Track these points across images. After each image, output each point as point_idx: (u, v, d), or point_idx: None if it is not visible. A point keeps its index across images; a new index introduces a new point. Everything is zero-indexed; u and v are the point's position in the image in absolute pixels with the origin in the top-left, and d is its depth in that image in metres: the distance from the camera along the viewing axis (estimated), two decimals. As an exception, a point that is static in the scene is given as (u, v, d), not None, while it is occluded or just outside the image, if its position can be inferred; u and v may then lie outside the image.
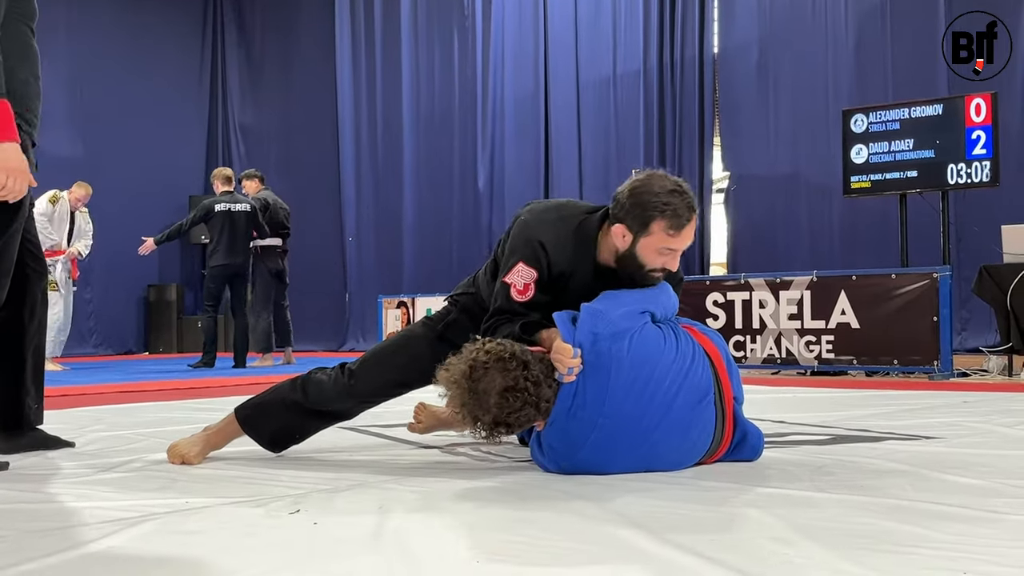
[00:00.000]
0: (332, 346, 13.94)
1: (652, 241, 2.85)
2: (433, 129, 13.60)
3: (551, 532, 2.05)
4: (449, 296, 3.35)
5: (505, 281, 2.93)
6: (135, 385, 7.23)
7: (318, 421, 3.25)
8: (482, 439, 2.69)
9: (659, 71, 11.42)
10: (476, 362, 2.61)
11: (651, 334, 2.78)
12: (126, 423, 4.41)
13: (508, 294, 2.92)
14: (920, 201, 8.50)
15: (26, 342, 3.37)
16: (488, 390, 2.58)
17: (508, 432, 2.68)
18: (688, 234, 2.86)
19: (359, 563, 1.82)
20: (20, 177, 2.92)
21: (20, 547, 1.96)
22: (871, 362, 7.20)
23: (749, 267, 9.65)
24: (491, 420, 2.61)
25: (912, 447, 3.35)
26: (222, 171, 10.05)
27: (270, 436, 3.23)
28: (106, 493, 2.59)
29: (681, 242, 2.87)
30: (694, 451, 2.84)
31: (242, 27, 15.72)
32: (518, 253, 2.94)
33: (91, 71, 14.08)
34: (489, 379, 2.59)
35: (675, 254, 2.90)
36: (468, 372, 2.60)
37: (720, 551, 1.85)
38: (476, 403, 2.60)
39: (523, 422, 2.66)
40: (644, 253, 2.88)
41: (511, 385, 2.59)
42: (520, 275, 2.91)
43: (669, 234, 2.84)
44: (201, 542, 2.01)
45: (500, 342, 2.68)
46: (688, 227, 2.85)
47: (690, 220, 2.85)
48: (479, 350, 2.65)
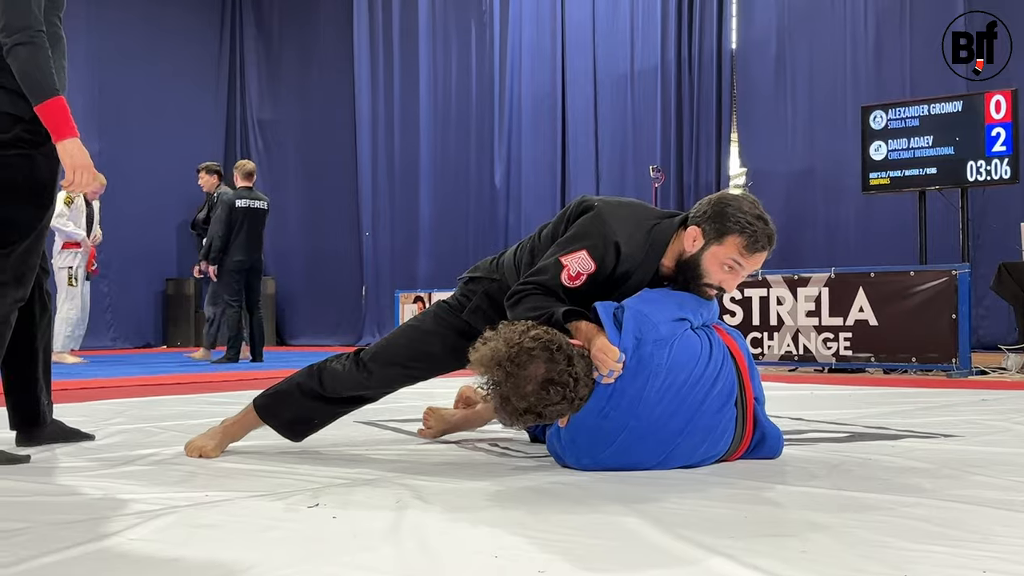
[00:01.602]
0: (348, 340, 13.97)
1: (721, 252, 2.84)
2: (450, 125, 13.61)
3: (569, 528, 2.05)
4: (466, 278, 3.27)
5: (561, 260, 2.84)
6: (153, 379, 7.26)
7: (333, 407, 3.24)
8: (504, 423, 2.66)
9: (677, 67, 11.40)
10: (522, 347, 2.55)
11: (691, 341, 2.77)
12: (145, 416, 4.43)
13: (559, 274, 2.83)
14: (938, 198, 8.46)
15: (38, 338, 3.39)
16: (529, 377, 2.54)
17: (536, 422, 2.64)
18: (757, 261, 2.87)
19: (378, 557, 1.83)
20: (86, 172, 2.96)
21: (42, 539, 1.97)
22: (889, 359, 7.18)
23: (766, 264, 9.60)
24: (524, 407, 2.56)
25: (931, 445, 3.34)
26: (245, 165, 10.04)
27: (288, 423, 3.23)
28: (127, 486, 2.61)
29: (748, 265, 2.87)
30: (714, 452, 2.83)
31: (260, 24, 15.75)
32: (586, 240, 2.85)
33: (110, 67, 14.13)
34: (534, 367, 2.54)
35: (736, 275, 2.89)
36: (512, 356, 2.55)
37: (739, 548, 1.85)
38: (513, 388, 2.55)
39: (554, 415, 2.63)
40: (709, 263, 2.86)
41: (554, 378, 2.55)
42: (579, 262, 2.83)
43: (741, 252, 2.83)
44: (221, 535, 2.02)
45: (548, 330, 2.63)
46: (760, 255, 2.86)
47: (764, 249, 2.86)
48: (525, 335, 2.59)
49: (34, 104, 2.95)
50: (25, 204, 3.05)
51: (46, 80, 2.94)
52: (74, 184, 2.98)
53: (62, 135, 2.96)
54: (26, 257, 3.07)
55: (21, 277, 3.06)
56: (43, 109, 2.94)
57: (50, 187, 3.09)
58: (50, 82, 2.94)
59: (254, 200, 9.71)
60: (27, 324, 3.28)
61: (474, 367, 2.63)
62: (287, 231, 14.60)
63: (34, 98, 2.95)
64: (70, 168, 2.96)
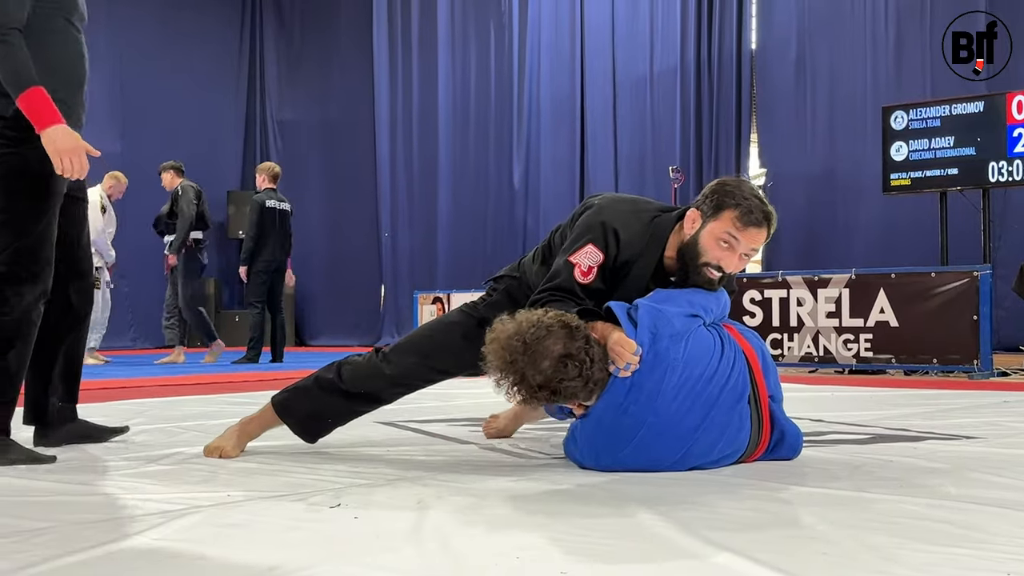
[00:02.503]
0: (367, 341, 14.01)
1: (718, 228, 2.86)
2: (469, 126, 13.63)
3: (591, 529, 2.05)
4: (490, 280, 3.33)
5: (570, 260, 2.90)
6: (174, 379, 7.29)
7: (350, 404, 3.22)
8: (516, 399, 2.66)
9: (696, 68, 11.38)
10: (540, 323, 2.58)
11: (703, 337, 2.78)
12: (166, 416, 4.46)
13: (571, 274, 2.88)
14: (959, 199, 8.42)
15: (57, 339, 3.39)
16: (546, 352, 2.55)
17: (549, 399, 2.64)
18: (754, 237, 2.86)
19: (400, 557, 1.83)
20: (73, 155, 2.98)
21: (66, 539, 1.98)
22: (910, 361, 7.14)
23: (786, 264, 9.60)
24: (540, 382, 2.57)
25: (953, 447, 3.33)
26: (273, 167, 10.06)
27: (303, 421, 3.23)
28: (149, 486, 2.62)
29: (745, 240, 2.86)
30: (731, 450, 2.83)
31: (281, 24, 15.81)
32: (589, 235, 2.91)
33: (131, 67, 14.20)
34: (552, 340, 2.56)
35: (733, 252, 2.88)
36: (530, 330, 2.57)
37: (760, 550, 1.85)
38: (530, 361, 2.55)
39: (569, 393, 2.62)
40: (706, 240, 2.88)
41: (572, 353, 2.56)
42: (588, 256, 2.88)
43: (736, 225, 2.85)
44: (244, 535, 2.03)
45: (565, 314, 2.66)
46: (755, 229, 2.86)
47: (760, 224, 2.85)
48: (543, 314, 2.62)
49: (14, 98, 2.98)
50: (21, 200, 3.07)
51: (23, 72, 2.96)
52: (64, 170, 2.99)
53: (44, 124, 2.97)
54: (37, 253, 3.08)
55: (38, 273, 3.08)
56: (23, 101, 2.97)
57: (45, 180, 3.09)
58: (27, 74, 2.96)
59: (280, 201, 9.77)
60: (47, 323, 3.28)
61: (491, 343, 2.63)
62: (307, 232, 14.63)
63: (13, 92, 2.98)
64: (54, 154, 2.96)
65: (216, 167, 14.91)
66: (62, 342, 3.43)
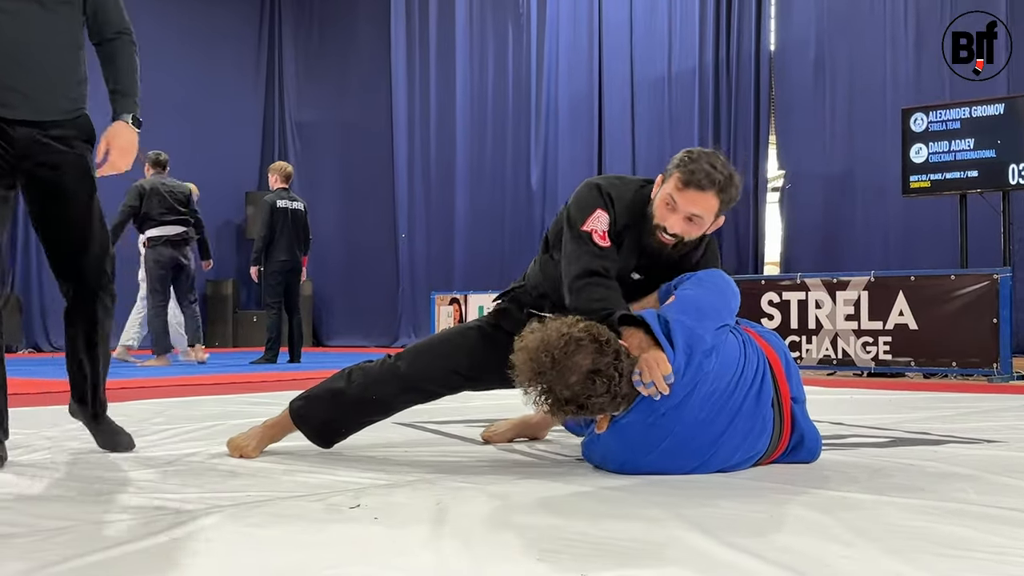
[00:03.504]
0: (383, 342, 14.03)
1: (665, 191, 2.91)
2: (486, 127, 13.64)
3: (609, 531, 2.05)
4: (499, 295, 3.37)
5: (584, 230, 2.93)
6: (193, 379, 7.32)
7: (362, 411, 3.23)
8: (543, 410, 2.64)
9: (715, 69, 11.36)
10: (571, 336, 2.56)
11: (731, 346, 2.78)
12: (185, 416, 4.47)
13: (591, 240, 2.91)
14: (980, 201, 8.38)
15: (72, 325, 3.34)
16: (575, 367, 2.53)
17: (576, 413, 2.63)
18: (692, 198, 2.85)
19: (419, 559, 1.83)
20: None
21: (87, 538, 1.99)
22: (929, 364, 7.12)
23: (803, 266, 9.58)
24: (568, 396, 2.55)
25: (974, 451, 3.31)
26: (284, 167, 10.07)
27: (317, 429, 3.24)
28: (169, 486, 2.63)
29: (682, 202, 2.86)
30: (752, 452, 2.82)
31: (299, 25, 15.86)
32: (591, 204, 2.96)
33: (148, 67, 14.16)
34: (581, 356, 2.54)
35: (675, 213, 2.88)
36: (560, 343, 2.55)
37: (779, 553, 1.84)
38: (558, 375, 2.54)
39: (595, 409, 2.62)
40: (658, 203, 2.92)
41: (600, 369, 2.54)
42: (599, 221, 2.93)
43: (677, 187, 2.88)
44: (264, 535, 2.03)
45: (596, 324, 2.64)
46: (694, 191, 2.85)
47: (700, 187, 2.85)
48: (573, 325, 2.60)
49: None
50: None
51: None
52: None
53: None
54: None
55: None
56: None
57: None
58: None
59: (292, 201, 9.78)
60: None
61: (520, 352, 2.61)
62: (324, 233, 14.66)
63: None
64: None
65: (234, 167, 14.98)
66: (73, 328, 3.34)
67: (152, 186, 9.23)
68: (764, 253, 11.04)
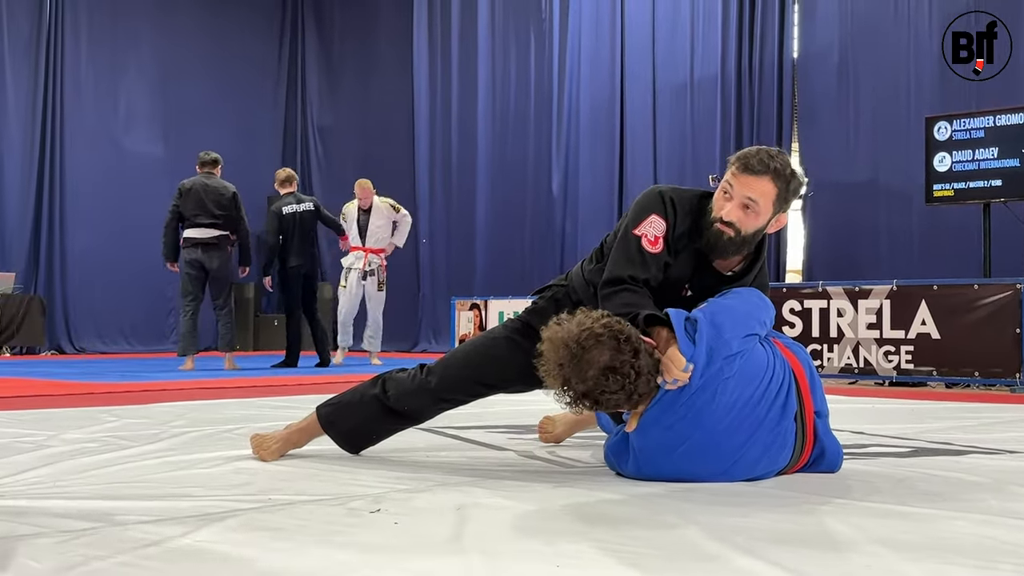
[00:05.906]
0: (404, 347, 14.04)
1: (724, 181, 2.93)
2: (508, 132, 13.65)
3: (630, 539, 2.04)
4: (536, 291, 3.35)
5: (636, 233, 2.94)
6: (215, 382, 7.35)
7: (394, 420, 3.26)
8: (563, 404, 2.65)
9: (737, 76, 11.33)
10: (591, 330, 2.57)
11: (758, 355, 2.77)
12: (207, 419, 4.49)
13: (640, 246, 2.92)
14: (1003, 210, 8.33)
15: None
16: (592, 361, 2.54)
17: (591, 408, 2.64)
18: (746, 182, 2.88)
19: (440, 563, 1.84)
20: None
21: (107, 540, 2.00)
22: (951, 374, 7.08)
23: (825, 275, 9.54)
24: (583, 391, 2.56)
25: (997, 461, 3.29)
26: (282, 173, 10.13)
27: (348, 435, 3.27)
28: (189, 488, 2.64)
29: (738, 185, 2.89)
30: (773, 467, 2.81)
31: (321, 30, 15.92)
32: (649, 208, 2.97)
33: (174, 74, 14.37)
34: (598, 351, 2.54)
35: (733, 203, 2.89)
36: (579, 337, 2.56)
37: (802, 563, 1.84)
38: (575, 369, 2.55)
39: (611, 405, 2.62)
40: (716, 197, 2.95)
41: (616, 366, 2.54)
42: (652, 226, 2.93)
43: (733, 174, 2.90)
44: (284, 538, 2.04)
45: (620, 321, 2.64)
46: (749, 176, 2.88)
47: (754, 172, 2.87)
48: (596, 320, 2.61)
49: None
50: None
51: None
52: None
53: None
54: None
55: None
56: None
57: None
58: None
59: (299, 203, 9.79)
60: None
61: (545, 342, 2.63)
62: (345, 238, 14.72)
63: None
64: None
65: (256, 173, 15.00)
66: None
67: (192, 185, 9.20)
68: (786, 261, 11.00)
